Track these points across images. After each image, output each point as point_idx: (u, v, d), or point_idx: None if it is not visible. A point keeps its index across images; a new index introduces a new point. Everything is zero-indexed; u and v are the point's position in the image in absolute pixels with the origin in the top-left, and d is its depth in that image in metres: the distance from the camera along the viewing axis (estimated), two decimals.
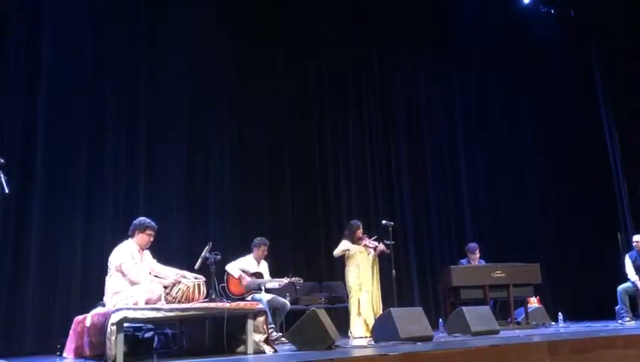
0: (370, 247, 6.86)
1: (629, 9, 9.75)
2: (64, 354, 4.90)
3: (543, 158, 10.62)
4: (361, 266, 6.85)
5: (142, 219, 5.01)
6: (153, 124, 7.47)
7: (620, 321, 7.26)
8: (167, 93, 7.67)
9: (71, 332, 4.85)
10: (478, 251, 7.97)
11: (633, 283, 7.36)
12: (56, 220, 6.51)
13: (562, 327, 7.24)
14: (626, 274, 7.51)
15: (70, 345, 4.82)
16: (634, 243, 7.62)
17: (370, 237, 6.93)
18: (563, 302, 8.95)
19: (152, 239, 4.96)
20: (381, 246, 6.84)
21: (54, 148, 6.65)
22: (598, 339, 4.30)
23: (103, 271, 4.89)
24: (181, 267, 5.06)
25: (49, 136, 6.64)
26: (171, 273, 4.88)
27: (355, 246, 6.87)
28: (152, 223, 4.97)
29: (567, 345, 3.98)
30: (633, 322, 7.17)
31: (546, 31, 10.65)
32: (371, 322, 6.35)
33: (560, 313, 7.81)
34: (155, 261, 5.02)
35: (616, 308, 7.46)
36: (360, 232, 6.91)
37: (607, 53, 10.57)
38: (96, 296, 5.37)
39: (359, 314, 6.72)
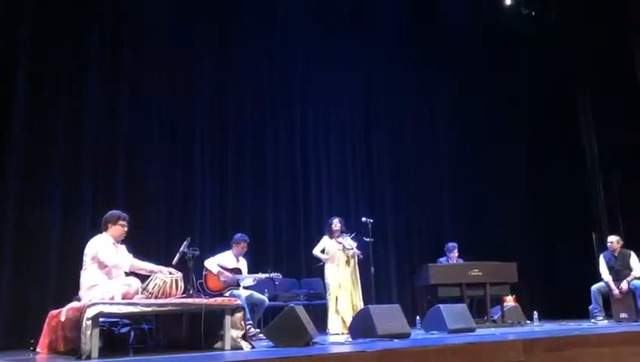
0: (348, 249, 6.89)
1: (608, 11, 9.93)
2: (37, 349, 4.81)
3: (521, 158, 10.74)
4: (339, 264, 6.89)
5: (112, 211, 4.98)
6: (134, 114, 7.36)
7: (593, 320, 7.37)
8: (148, 85, 7.57)
9: (45, 326, 4.77)
10: (456, 250, 8.05)
11: (607, 283, 7.48)
12: (32, 213, 6.38)
13: (537, 326, 7.34)
14: (600, 274, 7.63)
15: (44, 339, 4.74)
16: (608, 244, 7.73)
17: (350, 235, 6.98)
18: (538, 301, 9.06)
19: (125, 230, 4.91)
20: (354, 251, 6.88)
21: (31, 140, 6.52)
22: (572, 338, 4.38)
23: (79, 264, 4.82)
24: (159, 263, 5.00)
25: (25, 128, 6.51)
26: (149, 267, 4.84)
27: (332, 243, 6.92)
28: (124, 213, 4.94)
29: (541, 344, 4.03)
30: (606, 321, 7.29)
31: (527, 32, 10.76)
32: (349, 320, 6.38)
33: (535, 312, 7.91)
34: (131, 256, 4.96)
35: (590, 307, 7.57)
36: (335, 227, 6.95)
37: (586, 53, 10.68)
38: (71, 290, 5.29)
39: (337, 311, 6.74)
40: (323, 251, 7.02)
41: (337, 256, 6.92)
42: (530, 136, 10.70)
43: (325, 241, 7.03)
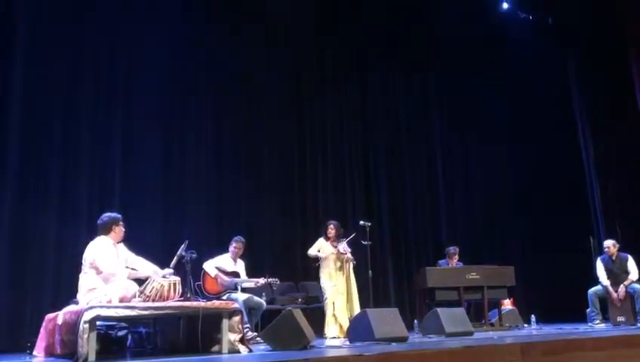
0: (342, 254, 6.89)
1: (604, 15, 9.98)
2: (34, 353, 4.80)
3: (519, 162, 10.76)
4: (335, 268, 6.88)
5: (109, 214, 4.98)
6: (130, 117, 7.37)
7: (590, 324, 7.38)
8: (145, 85, 7.57)
9: (42, 329, 4.77)
10: (457, 255, 8.04)
11: (604, 286, 7.49)
12: (29, 215, 6.38)
13: (534, 329, 7.34)
14: (598, 278, 7.63)
15: (41, 343, 4.73)
16: (605, 248, 7.75)
17: (347, 238, 6.97)
18: (536, 305, 9.07)
19: (124, 230, 4.95)
20: (348, 257, 6.88)
21: (27, 142, 6.53)
22: (569, 341, 4.37)
23: (76, 267, 4.81)
24: (156, 265, 5.00)
25: (22, 130, 6.52)
26: (146, 265, 4.86)
27: (328, 246, 6.91)
28: (118, 214, 5.00)
29: (539, 347, 4.04)
30: (603, 324, 7.30)
31: (524, 35, 10.80)
32: (345, 324, 6.38)
33: (533, 315, 7.92)
34: (130, 253, 4.97)
35: (587, 310, 7.58)
36: (330, 233, 6.94)
37: (582, 57, 10.74)
38: (68, 293, 5.29)
39: (334, 316, 6.74)
40: (318, 252, 7.01)
41: (333, 260, 6.92)
42: (527, 138, 10.72)
43: (321, 243, 7.02)
